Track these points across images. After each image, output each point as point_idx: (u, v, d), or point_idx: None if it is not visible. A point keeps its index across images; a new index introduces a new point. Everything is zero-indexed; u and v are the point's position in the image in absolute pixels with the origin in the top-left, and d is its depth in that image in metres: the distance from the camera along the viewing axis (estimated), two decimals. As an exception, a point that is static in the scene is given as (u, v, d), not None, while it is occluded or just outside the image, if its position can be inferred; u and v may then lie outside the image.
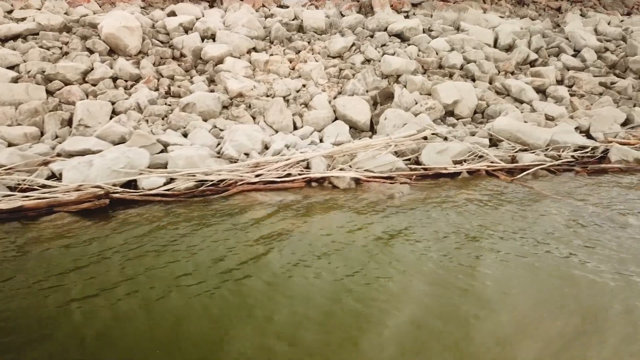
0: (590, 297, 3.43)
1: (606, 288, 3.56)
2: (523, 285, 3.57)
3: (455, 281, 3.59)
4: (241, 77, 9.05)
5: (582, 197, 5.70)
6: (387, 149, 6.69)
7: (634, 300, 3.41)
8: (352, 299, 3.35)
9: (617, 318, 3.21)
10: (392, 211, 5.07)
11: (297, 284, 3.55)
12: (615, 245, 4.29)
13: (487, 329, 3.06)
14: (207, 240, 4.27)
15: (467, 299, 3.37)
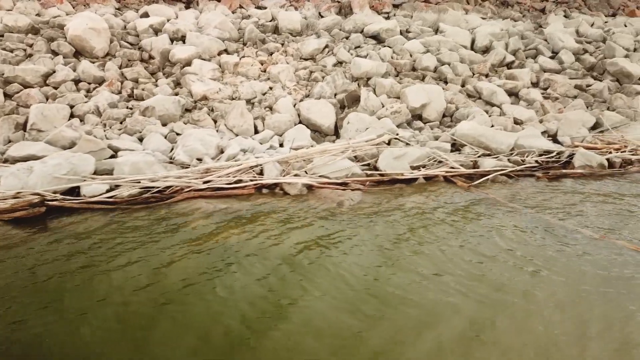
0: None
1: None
2: (422, 313, 3.36)
3: (361, 305, 3.40)
4: (207, 80, 8.92)
5: (534, 204, 5.57)
6: (344, 154, 6.56)
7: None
8: (236, 322, 3.20)
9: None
10: (334, 220, 4.93)
11: (192, 297, 3.42)
12: (541, 261, 4.15)
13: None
14: (128, 251, 4.14)
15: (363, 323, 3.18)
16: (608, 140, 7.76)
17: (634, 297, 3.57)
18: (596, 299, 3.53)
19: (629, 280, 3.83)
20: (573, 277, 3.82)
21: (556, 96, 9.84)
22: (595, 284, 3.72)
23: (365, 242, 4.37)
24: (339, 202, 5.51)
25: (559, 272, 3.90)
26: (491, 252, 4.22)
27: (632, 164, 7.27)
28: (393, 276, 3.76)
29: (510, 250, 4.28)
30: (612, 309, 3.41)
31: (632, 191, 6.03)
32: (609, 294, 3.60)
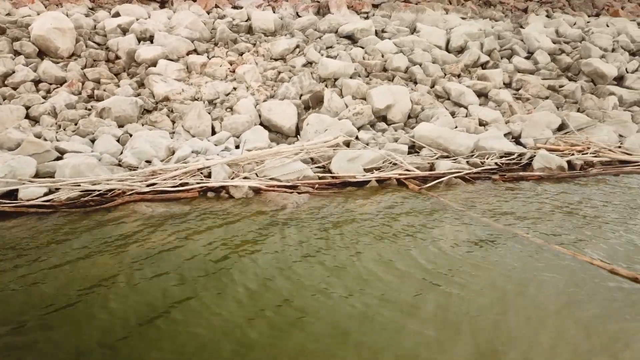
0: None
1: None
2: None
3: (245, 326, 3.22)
4: (171, 81, 8.81)
5: (483, 208, 5.45)
6: (296, 156, 6.45)
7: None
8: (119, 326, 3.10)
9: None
10: (267, 224, 4.82)
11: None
12: (459, 276, 4.04)
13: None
14: (55, 258, 4.03)
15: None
16: (571, 142, 7.65)
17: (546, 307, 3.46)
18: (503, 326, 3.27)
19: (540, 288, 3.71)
20: (490, 297, 3.59)
21: (527, 97, 9.73)
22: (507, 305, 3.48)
23: (284, 251, 4.19)
24: (282, 205, 5.40)
25: (474, 288, 3.67)
26: (408, 267, 3.96)
27: (593, 166, 7.16)
28: (284, 290, 3.58)
29: (430, 264, 4.00)
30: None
31: (584, 195, 5.91)
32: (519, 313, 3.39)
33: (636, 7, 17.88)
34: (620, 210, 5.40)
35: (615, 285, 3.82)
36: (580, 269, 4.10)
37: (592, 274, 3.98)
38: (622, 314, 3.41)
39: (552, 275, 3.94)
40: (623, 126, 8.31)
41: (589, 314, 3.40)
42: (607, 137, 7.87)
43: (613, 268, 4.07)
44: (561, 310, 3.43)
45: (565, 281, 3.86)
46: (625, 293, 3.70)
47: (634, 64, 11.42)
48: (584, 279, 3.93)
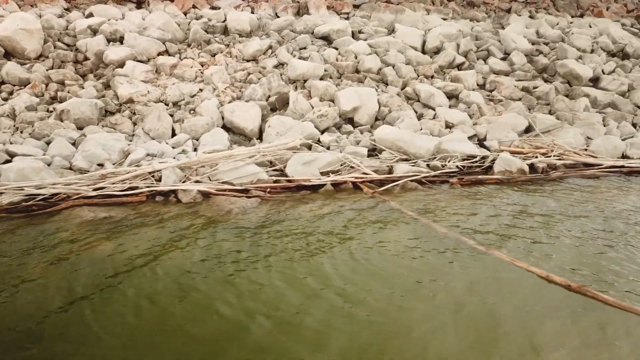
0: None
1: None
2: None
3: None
4: (137, 82, 8.71)
5: (433, 213, 5.37)
6: (251, 160, 6.36)
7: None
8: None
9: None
10: (203, 230, 4.73)
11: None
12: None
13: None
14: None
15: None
16: (536, 144, 7.57)
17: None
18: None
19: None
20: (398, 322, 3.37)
21: (500, 98, 9.65)
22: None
23: (197, 262, 4.05)
24: (228, 210, 5.32)
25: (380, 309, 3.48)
26: (321, 285, 3.71)
27: (556, 168, 7.08)
28: (178, 304, 3.45)
29: (345, 281, 3.77)
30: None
31: (537, 199, 5.83)
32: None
33: (621, 7, 17.80)
34: (569, 215, 5.32)
35: (546, 291, 3.75)
36: (516, 275, 4.03)
37: (530, 282, 3.90)
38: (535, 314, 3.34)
39: (478, 278, 3.88)
40: (591, 128, 8.23)
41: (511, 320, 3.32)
42: (573, 140, 7.79)
43: (548, 275, 3.99)
44: (477, 315, 3.35)
45: (495, 288, 3.79)
46: (542, 294, 3.63)
47: (610, 65, 11.35)
48: (517, 285, 3.85)
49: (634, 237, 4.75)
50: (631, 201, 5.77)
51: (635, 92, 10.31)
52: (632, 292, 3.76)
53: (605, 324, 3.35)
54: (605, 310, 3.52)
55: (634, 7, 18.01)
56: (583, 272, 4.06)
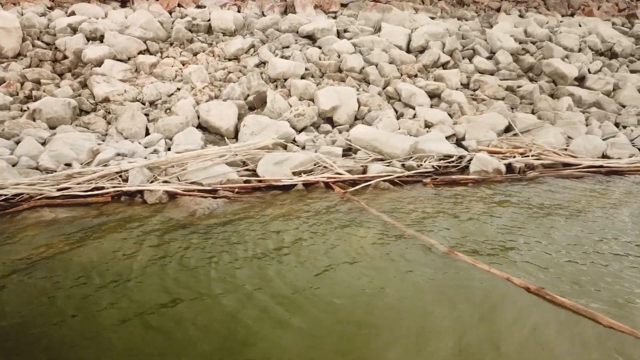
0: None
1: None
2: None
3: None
4: (115, 81, 8.61)
5: (401, 213, 5.27)
6: (221, 159, 6.27)
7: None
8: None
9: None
10: (161, 233, 4.62)
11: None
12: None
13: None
14: None
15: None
16: (515, 144, 7.47)
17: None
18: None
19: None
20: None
21: (483, 98, 9.56)
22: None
23: (150, 265, 3.94)
24: (192, 211, 5.22)
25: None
26: (260, 292, 3.56)
27: (534, 168, 6.98)
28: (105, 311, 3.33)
29: (289, 287, 3.63)
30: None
31: (508, 200, 5.73)
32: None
33: (613, 6, 17.72)
34: (538, 216, 5.23)
35: (505, 293, 3.66)
36: (477, 277, 3.94)
37: (491, 284, 3.81)
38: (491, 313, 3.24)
39: (436, 280, 3.79)
40: (572, 128, 8.13)
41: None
42: (553, 139, 7.70)
43: (509, 277, 3.90)
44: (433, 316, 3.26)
45: (453, 290, 3.70)
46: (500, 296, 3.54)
47: (597, 64, 11.27)
48: (477, 287, 3.77)
49: (598, 241, 4.65)
50: (601, 203, 5.68)
51: (620, 92, 10.22)
52: (591, 297, 3.67)
53: (553, 324, 3.27)
54: (559, 312, 3.44)
55: (626, 6, 17.93)
56: (544, 275, 3.97)
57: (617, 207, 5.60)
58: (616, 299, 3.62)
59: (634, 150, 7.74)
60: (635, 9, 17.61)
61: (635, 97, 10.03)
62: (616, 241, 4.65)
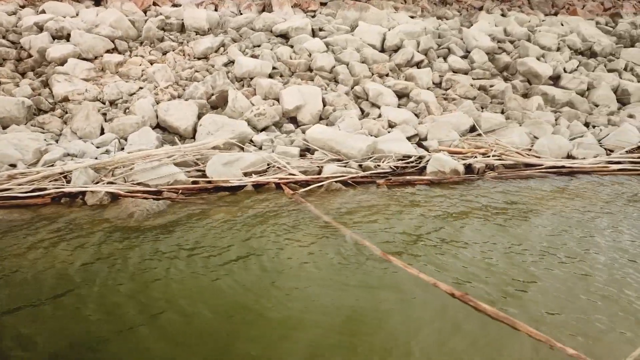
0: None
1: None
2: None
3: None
4: (77, 80, 8.48)
5: (349, 216, 5.14)
6: (169, 159, 6.13)
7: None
8: None
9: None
10: (89, 237, 4.48)
11: None
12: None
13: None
14: None
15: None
16: (477, 144, 7.34)
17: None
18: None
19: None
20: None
21: (454, 97, 9.43)
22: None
23: (65, 272, 3.81)
24: (130, 213, 5.09)
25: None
26: (164, 303, 3.40)
27: (494, 169, 6.86)
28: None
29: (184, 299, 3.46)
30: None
31: (460, 202, 5.61)
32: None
33: (598, 6, 17.59)
34: (484, 219, 5.10)
35: (430, 298, 3.53)
36: (406, 281, 3.82)
37: (418, 289, 3.69)
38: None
39: (365, 282, 3.67)
40: (539, 127, 8.00)
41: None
42: (518, 139, 7.57)
43: (436, 282, 3.78)
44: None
45: (382, 293, 3.59)
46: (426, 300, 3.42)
47: (573, 63, 11.15)
48: (407, 291, 3.65)
49: (538, 245, 4.53)
50: (550, 205, 5.55)
51: (595, 91, 10.11)
52: (517, 304, 3.55)
53: (468, 330, 3.14)
54: (480, 318, 3.31)
55: (611, 5, 17.81)
56: (474, 280, 3.84)
57: (564, 209, 5.47)
58: (538, 307, 3.49)
59: (600, 151, 7.61)
60: (620, 8, 17.49)
61: (609, 96, 9.93)
62: (555, 245, 4.52)
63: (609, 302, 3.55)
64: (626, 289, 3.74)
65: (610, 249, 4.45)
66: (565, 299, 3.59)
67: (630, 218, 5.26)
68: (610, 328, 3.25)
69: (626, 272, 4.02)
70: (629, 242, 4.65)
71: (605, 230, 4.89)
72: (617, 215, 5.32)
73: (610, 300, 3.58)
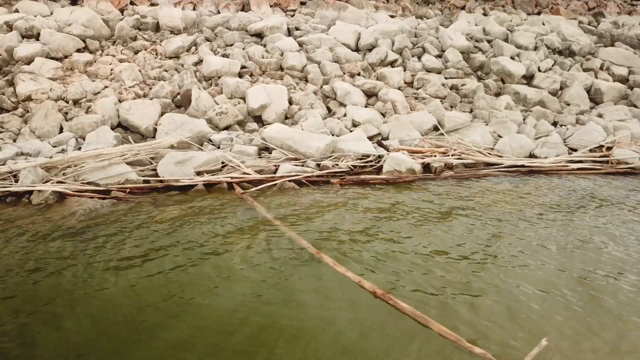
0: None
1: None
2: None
3: None
4: (43, 79, 8.44)
5: (295, 215, 5.11)
6: (121, 158, 6.10)
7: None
8: None
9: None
10: (20, 237, 4.45)
11: None
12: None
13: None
14: None
15: None
16: (438, 143, 7.31)
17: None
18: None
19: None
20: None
21: (424, 96, 9.39)
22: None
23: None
24: (72, 212, 5.05)
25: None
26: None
27: (452, 168, 6.82)
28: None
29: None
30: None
31: (409, 201, 5.57)
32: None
33: (582, 5, 17.56)
34: (425, 220, 5.07)
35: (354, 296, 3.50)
36: (333, 278, 3.80)
37: (343, 286, 3.67)
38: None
39: (292, 280, 3.64)
40: (503, 127, 7.96)
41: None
42: (481, 138, 7.53)
43: (360, 280, 3.75)
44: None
45: (304, 291, 3.56)
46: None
47: (548, 62, 11.12)
48: (333, 289, 3.64)
49: (476, 253, 4.49)
50: (494, 206, 5.51)
51: (567, 90, 10.09)
52: (437, 304, 3.51)
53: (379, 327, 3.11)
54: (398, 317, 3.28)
55: (596, 4, 17.78)
56: (400, 280, 3.81)
57: (512, 209, 5.43)
58: (456, 307, 3.46)
59: (565, 150, 7.58)
60: (604, 8, 17.47)
61: (581, 95, 9.90)
62: (478, 247, 4.50)
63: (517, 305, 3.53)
64: (528, 297, 3.72)
65: (525, 254, 4.39)
66: (481, 301, 3.56)
67: (554, 227, 5.01)
68: (519, 328, 3.23)
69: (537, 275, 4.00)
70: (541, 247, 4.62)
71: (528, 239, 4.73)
72: (547, 223, 5.10)
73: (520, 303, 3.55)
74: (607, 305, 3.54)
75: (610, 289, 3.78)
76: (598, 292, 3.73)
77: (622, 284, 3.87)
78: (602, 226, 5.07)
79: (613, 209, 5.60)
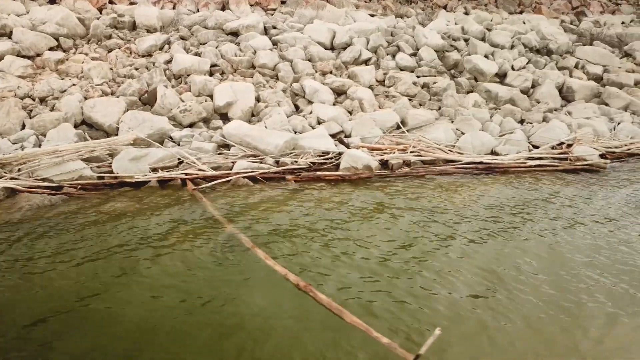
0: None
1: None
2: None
3: None
4: (11, 77, 8.48)
5: (238, 213, 5.15)
6: (77, 155, 6.13)
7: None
8: None
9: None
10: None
11: None
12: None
13: None
14: None
15: None
16: (399, 140, 7.34)
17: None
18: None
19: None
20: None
21: (394, 94, 9.43)
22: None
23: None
24: (18, 208, 5.09)
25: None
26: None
27: (410, 165, 6.85)
28: None
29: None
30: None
31: (353, 197, 5.61)
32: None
33: (566, 4, 17.60)
34: (365, 215, 5.11)
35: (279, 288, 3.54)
36: (262, 271, 3.84)
37: (270, 278, 3.73)
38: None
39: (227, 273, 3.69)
40: (467, 124, 8.00)
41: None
42: (443, 136, 7.57)
43: (287, 273, 3.79)
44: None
45: (241, 284, 3.61)
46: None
47: (522, 61, 11.16)
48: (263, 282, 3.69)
49: (393, 248, 4.53)
50: (448, 202, 5.54)
51: (538, 89, 10.13)
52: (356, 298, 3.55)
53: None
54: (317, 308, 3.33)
55: (579, 3, 17.83)
56: (322, 274, 3.86)
57: (461, 206, 5.47)
58: (373, 301, 3.50)
59: (527, 147, 7.61)
60: (587, 7, 17.52)
61: (552, 93, 9.94)
62: (418, 244, 4.53)
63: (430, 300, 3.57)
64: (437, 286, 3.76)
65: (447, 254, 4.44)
66: (397, 296, 3.61)
67: (486, 229, 5.04)
68: (426, 321, 3.27)
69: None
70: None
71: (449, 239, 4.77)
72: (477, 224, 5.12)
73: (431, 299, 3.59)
74: (502, 297, 3.58)
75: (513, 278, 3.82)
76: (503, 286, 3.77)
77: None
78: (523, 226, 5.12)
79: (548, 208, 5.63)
